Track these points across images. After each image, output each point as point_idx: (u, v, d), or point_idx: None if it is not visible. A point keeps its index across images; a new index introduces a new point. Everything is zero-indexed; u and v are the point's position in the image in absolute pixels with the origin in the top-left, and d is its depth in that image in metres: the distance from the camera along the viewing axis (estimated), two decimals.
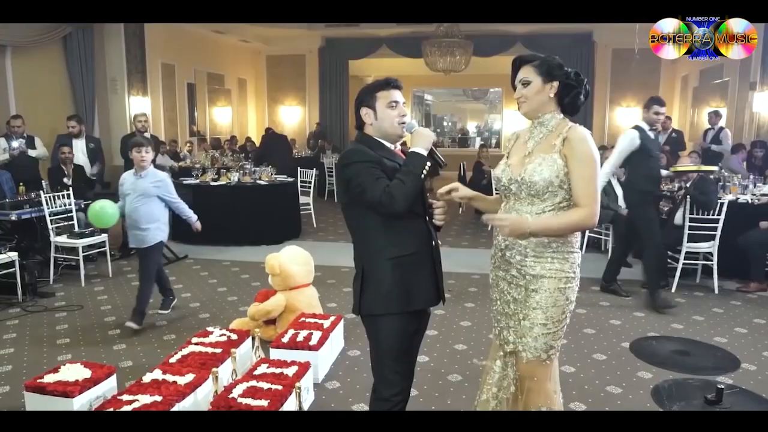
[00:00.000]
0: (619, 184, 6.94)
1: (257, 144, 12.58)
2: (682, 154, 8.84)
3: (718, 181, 6.52)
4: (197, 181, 7.63)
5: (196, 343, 3.58)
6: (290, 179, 8.07)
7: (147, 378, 3.11)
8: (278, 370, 3.23)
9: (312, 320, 4.03)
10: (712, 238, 5.46)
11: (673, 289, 5.55)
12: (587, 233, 7.13)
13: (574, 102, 2.26)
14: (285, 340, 3.69)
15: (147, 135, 6.96)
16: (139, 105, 11.39)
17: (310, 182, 8.87)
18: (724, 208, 5.34)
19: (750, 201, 5.90)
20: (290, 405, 2.92)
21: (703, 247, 5.53)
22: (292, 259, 4.23)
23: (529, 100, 2.27)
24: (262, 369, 3.27)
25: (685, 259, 5.53)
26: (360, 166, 2.19)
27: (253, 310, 4.17)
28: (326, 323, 3.97)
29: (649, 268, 5.25)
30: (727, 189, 6.29)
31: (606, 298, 5.36)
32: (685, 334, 4.49)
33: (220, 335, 3.71)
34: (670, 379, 3.70)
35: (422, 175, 2.20)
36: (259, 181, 7.65)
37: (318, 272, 6.22)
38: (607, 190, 6.79)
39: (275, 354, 3.61)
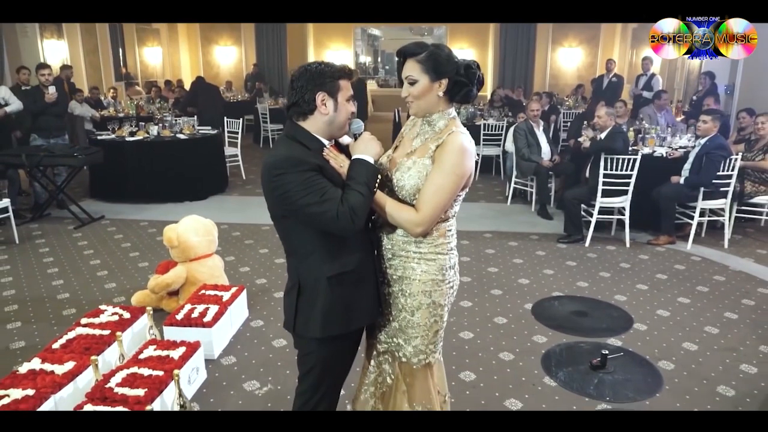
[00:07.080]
0: (546, 137, 6.93)
1: (187, 89, 12.09)
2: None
3: (638, 132, 6.58)
4: (113, 135, 7.26)
5: (85, 325, 3.47)
6: (213, 131, 7.78)
7: (24, 368, 3.00)
8: (164, 353, 3.17)
9: (212, 293, 3.95)
10: (625, 193, 5.55)
11: (587, 243, 5.67)
12: (512, 184, 7.17)
13: (466, 98, 2.09)
14: (179, 316, 3.62)
15: (52, 89, 6.54)
16: (54, 49, 10.69)
17: (237, 132, 8.60)
18: (637, 164, 5.40)
19: (665, 155, 5.97)
20: (169, 393, 2.88)
21: (616, 202, 5.63)
22: (190, 230, 4.09)
23: (417, 101, 2.09)
24: (149, 352, 3.20)
25: (599, 213, 5.63)
26: (299, 176, 1.86)
27: (153, 283, 4.06)
28: (226, 295, 3.91)
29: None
30: (644, 141, 6.35)
31: (520, 255, 5.44)
32: (588, 293, 4.61)
33: (112, 314, 3.61)
34: (563, 343, 3.80)
35: (374, 190, 2.00)
36: (179, 135, 7.35)
37: (236, 231, 6.14)
38: (530, 142, 6.80)
39: (168, 333, 3.55)
